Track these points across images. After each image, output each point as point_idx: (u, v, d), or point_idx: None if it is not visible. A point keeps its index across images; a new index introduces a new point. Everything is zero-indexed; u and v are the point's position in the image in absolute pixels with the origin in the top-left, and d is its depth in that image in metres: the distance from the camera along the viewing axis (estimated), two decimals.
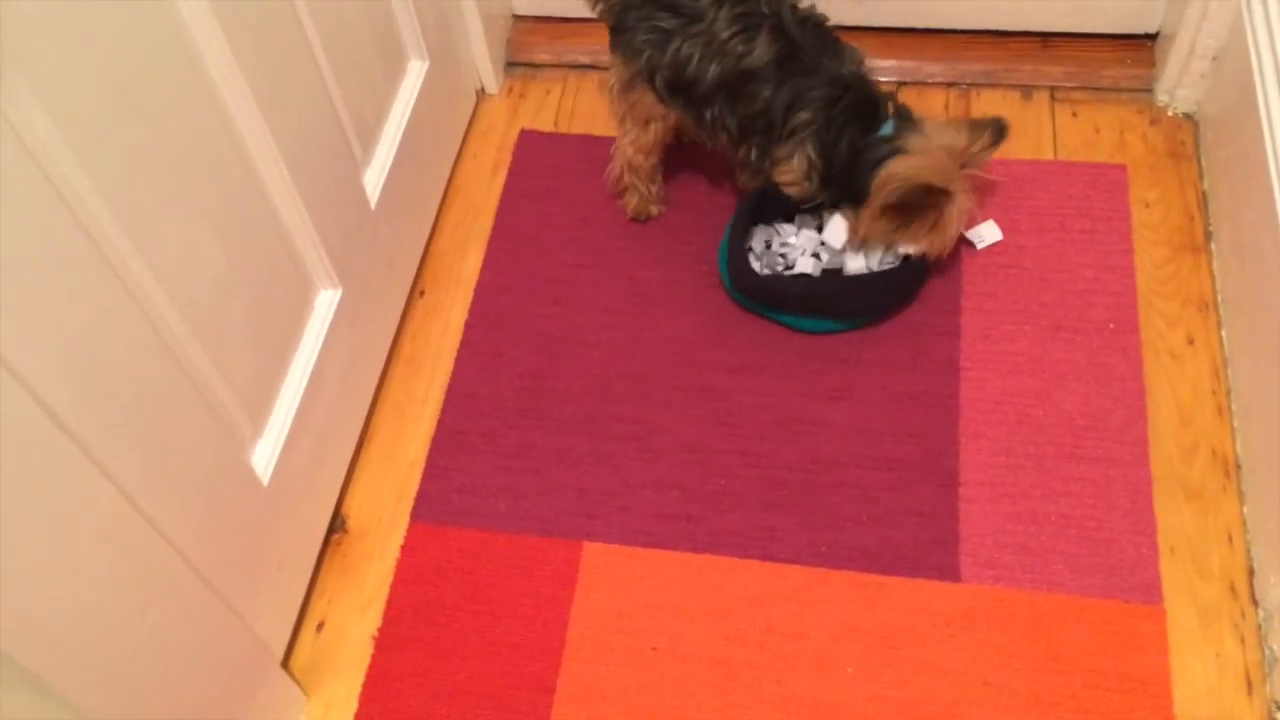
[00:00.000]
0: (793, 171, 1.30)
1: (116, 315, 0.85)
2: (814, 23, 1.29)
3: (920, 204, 1.27)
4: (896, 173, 1.24)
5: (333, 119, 1.21)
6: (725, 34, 1.25)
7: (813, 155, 1.28)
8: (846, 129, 1.27)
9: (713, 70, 1.27)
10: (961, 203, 1.29)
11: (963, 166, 1.28)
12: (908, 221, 1.29)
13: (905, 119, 1.28)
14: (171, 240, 0.93)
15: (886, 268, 1.38)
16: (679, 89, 1.30)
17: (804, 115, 1.26)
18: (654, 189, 1.48)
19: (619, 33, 1.32)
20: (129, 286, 0.87)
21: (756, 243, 1.43)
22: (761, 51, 1.25)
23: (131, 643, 0.89)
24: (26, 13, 0.75)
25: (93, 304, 0.82)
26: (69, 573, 0.81)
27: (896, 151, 1.25)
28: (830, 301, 1.37)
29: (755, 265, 1.40)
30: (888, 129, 1.27)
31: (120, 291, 0.85)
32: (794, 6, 1.28)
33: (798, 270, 1.41)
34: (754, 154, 1.32)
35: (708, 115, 1.31)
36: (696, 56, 1.27)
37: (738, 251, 1.38)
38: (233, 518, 1.05)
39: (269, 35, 1.05)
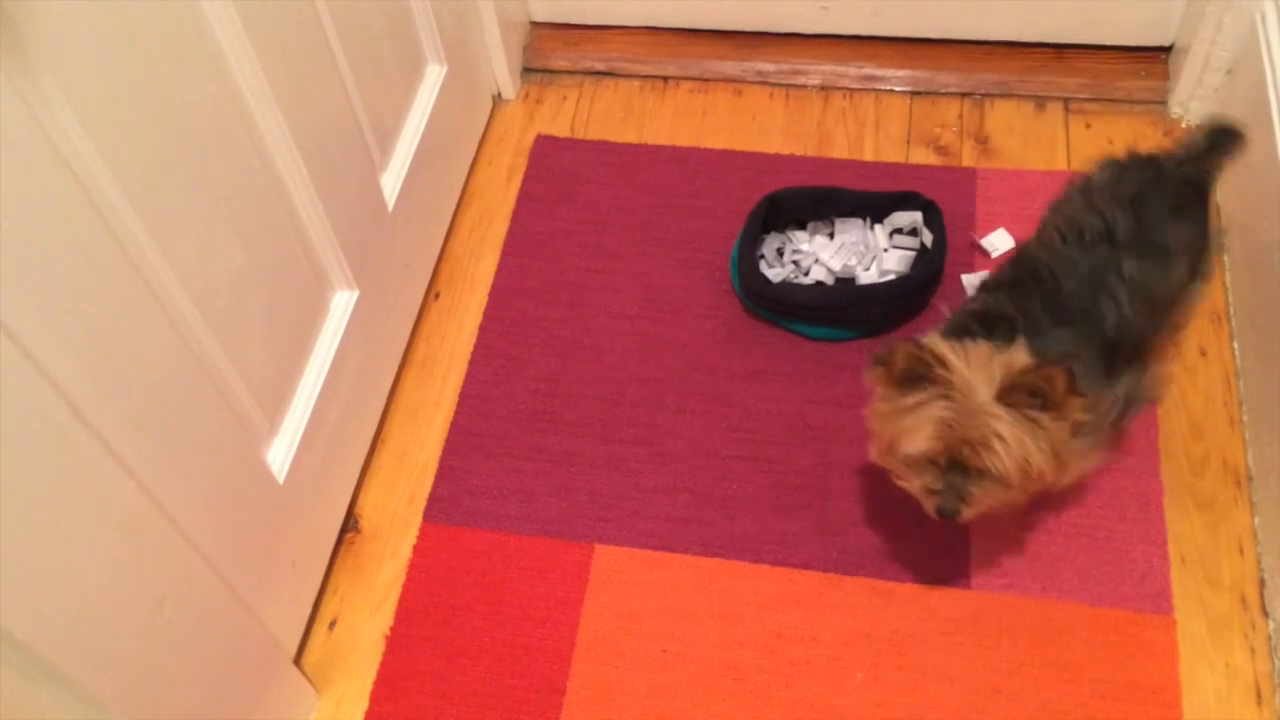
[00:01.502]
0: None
1: (138, 312, 0.86)
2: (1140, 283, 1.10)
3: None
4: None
5: (352, 122, 1.22)
6: (1050, 230, 1.16)
7: (977, 325, 1.11)
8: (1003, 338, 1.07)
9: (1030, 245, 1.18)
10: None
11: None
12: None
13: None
14: (192, 239, 0.94)
15: (898, 277, 1.39)
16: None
17: (1013, 308, 1.11)
18: None
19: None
20: (150, 284, 0.88)
21: (768, 249, 1.44)
22: (1056, 250, 1.13)
23: (147, 636, 0.90)
24: (58, 17, 0.76)
25: (115, 300, 0.83)
26: (89, 566, 0.82)
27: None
28: (843, 310, 1.38)
29: (769, 272, 1.41)
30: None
31: (142, 288, 0.86)
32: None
33: (812, 277, 1.42)
34: None
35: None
36: (1046, 223, 1.18)
37: (749, 259, 1.39)
38: (248, 515, 1.06)
39: (291, 38, 1.06)
